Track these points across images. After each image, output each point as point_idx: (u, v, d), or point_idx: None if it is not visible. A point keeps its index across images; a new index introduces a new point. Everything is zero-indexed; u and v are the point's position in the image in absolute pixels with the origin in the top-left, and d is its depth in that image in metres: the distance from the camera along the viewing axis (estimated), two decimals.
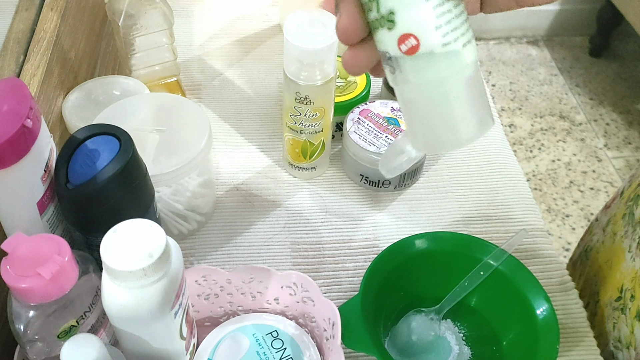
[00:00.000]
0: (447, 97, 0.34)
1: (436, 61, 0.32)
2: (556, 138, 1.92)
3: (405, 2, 0.31)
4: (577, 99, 2.04)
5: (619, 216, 0.64)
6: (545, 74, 2.13)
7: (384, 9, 0.32)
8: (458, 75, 0.33)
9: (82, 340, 0.39)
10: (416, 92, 0.34)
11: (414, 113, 0.35)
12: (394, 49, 0.33)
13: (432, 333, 0.56)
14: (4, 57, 0.58)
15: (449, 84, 0.33)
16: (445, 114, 0.34)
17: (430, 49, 0.32)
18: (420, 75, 0.33)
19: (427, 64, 0.33)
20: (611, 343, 0.62)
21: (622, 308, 0.60)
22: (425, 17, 0.32)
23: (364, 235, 0.66)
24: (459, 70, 0.33)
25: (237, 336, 0.53)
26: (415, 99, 0.34)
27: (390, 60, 0.33)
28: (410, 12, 0.32)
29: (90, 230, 0.48)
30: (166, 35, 0.72)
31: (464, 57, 0.33)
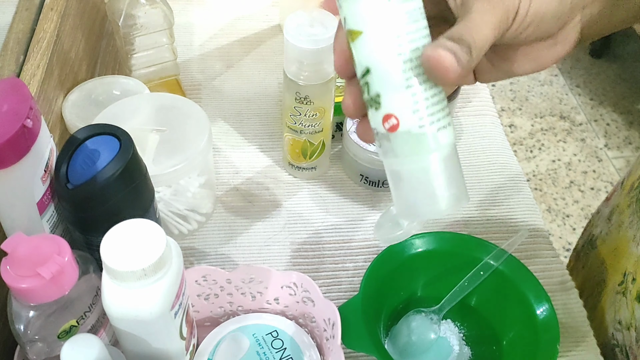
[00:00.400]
0: (422, 172, 0.38)
1: (413, 140, 0.37)
2: (556, 138, 1.92)
3: (390, 88, 0.37)
4: (577, 100, 2.04)
5: (624, 206, 0.64)
6: (545, 74, 2.13)
7: (372, 92, 0.37)
8: (433, 154, 0.38)
9: (82, 340, 0.39)
10: (398, 165, 0.39)
11: (396, 183, 0.40)
12: (380, 127, 0.38)
13: (432, 333, 0.56)
14: (4, 57, 0.58)
15: (425, 161, 0.38)
16: (421, 186, 0.39)
17: (407, 129, 0.37)
18: (400, 150, 0.38)
19: (406, 142, 0.37)
20: (611, 325, 0.62)
21: (623, 291, 0.61)
22: (405, 101, 0.37)
23: (364, 235, 0.66)
24: (434, 149, 0.38)
25: (237, 336, 0.53)
26: (397, 171, 0.39)
27: (378, 136, 0.39)
28: (393, 97, 0.37)
29: (90, 230, 0.48)
30: (166, 35, 0.72)
31: (438, 140, 0.37)
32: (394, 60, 0.36)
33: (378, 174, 0.68)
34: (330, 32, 0.58)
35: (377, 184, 0.69)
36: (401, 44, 0.36)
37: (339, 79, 0.73)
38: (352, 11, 0.36)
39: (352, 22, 0.37)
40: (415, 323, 0.56)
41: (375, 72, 0.37)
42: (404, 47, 0.36)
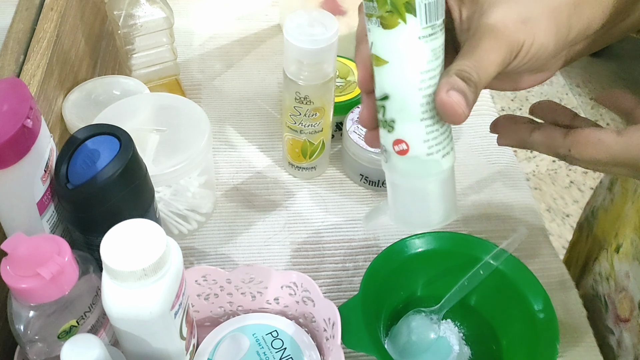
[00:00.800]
0: (423, 191, 0.42)
1: (420, 164, 0.40)
2: None
3: (405, 117, 0.39)
4: (577, 99, 2.04)
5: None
6: None
7: (388, 116, 0.40)
8: (435, 177, 0.41)
9: (82, 341, 0.39)
10: (400, 181, 0.42)
11: (396, 194, 0.43)
12: (389, 147, 0.41)
13: (432, 333, 0.56)
14: (4, 57, 0.58)
15: (427, 182, 0.41)
16: (419, 202, 0.42)
17: (416, 155, 0.40)
18: (405, 171, 0.41)
19: (412, 165, 0.41)
20: (591, 277, 0.65)
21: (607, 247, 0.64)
22: (418, 132, 0.39)
23: (364, 235, 0.66)
24: (436, 173, 0.41)
25: (237, 336, 0.53)
26: (398, 185, 0.43)
27: (386, 153, 0.42)
28: (407, 126, 0.39)
29: (90, 230, 0.48)
30: (166, 35, 0.72)
31: (441, 165, 0.41)
32: (414, 94, 0.38)
33: (378, 174, 0.68)
34: (330, 32, 0.58)
35: (377, 184, 0.69)
36: (423, 79, 0.38)
37: (338, 79, 0.73)
38: (380, 40, 0.38)
39: (379, 50, 0.38)
40: (415, 323, 0.56)
41: (394, 100, 0.39)
42: (425, 83, 0.38)
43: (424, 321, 0.56)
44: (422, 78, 0.38)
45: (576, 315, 0.60)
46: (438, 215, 0.42)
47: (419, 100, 0.38)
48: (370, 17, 0.38)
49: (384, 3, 0.37)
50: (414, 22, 0.36)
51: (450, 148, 0.41)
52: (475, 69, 0.38)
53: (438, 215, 0.42)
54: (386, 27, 0.37)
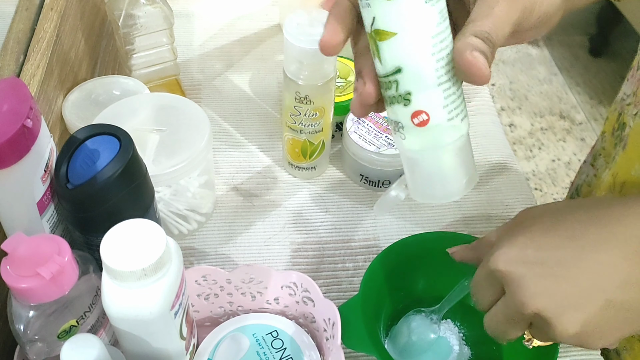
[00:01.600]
0: (443, 159, 0.40)
1: (441, 132, 0.39)
2: (556, 137, 1.92)
3: (422, 86, 0.38)
4: (577, 98, 2.04)
5: (611, 148, 0.68)
6: (545, 73, 2.13)
7: (402, 89, 0.38)
8: (456, 142, 0.40)
9: (82, 340, 0.39)
10: (419, 154, 0.41)
11: (415, 170, 0.42)
12: (407, 121, 0.39)
13: (432, 333, 0.56)
14: (4, 57, 0.58)
15: (448, 150, 0.40)
16: (440, 172, 0.41)
17: (437, 123, 0.39)
18: (424, 141, 0.40)
19: (433, 134, 0.39)
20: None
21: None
22: (437, 98, 0.38)
23: (364, 235, 0.66)
24: (457, 139, 0.40)
25: (237, 336, 0.53)
26: (417, 159, 0.41)
27: (401, 129, 0.40)
28: (425, 94, 0.38)
29: (90, 230, 0.48)
30: (166, 35, 0.72)
31: (461, 129, 0.40)
32: (428, 60, 0.37)
33: (378, 174, 0.68)
34: None
35: (377, 184, 0.69)
36: (435, 44, 0.37)
37: (338, 79, 0.73)
38: (384, 12, 0.37)
39: (384, 23, 0.37)
40: (415, 323, 0.56)
41: (408, 71, 0.38)
42: (437, 46, 0.37)
43: (424, 321, 0.56)
44: (434, 42, 0.37)
45: None
46: (461, 183, 0.41)
47: (434, 65, 0.37)
48: None
49: None
50: None
51: (466, 111, 0.40)
52: (494, 28, 0.37)
53: (461, 183, 0.41)
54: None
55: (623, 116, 0.65)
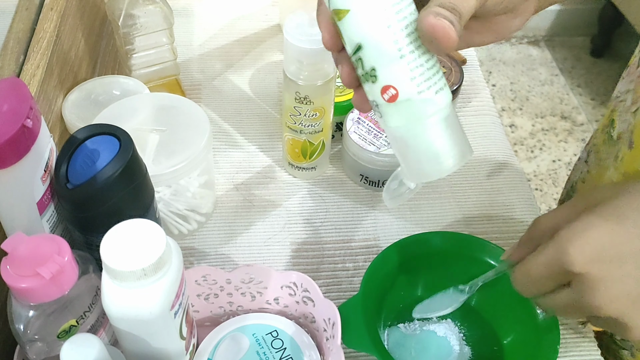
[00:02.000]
0: (427, 134, 0.39)
1: (414, 106, 0.38)
2: (557, 138, 1.92)
3: (384, 60, 0.37)
4: (578, 99, 2.04)
5: (600, 144, 0.68)
6: (546, 74, 2.12)
7: (367, 66, 0.38)
8: (434, 116, 0.39)
9: (82, 340, 0.39)
10: (401, 132, 0.40)
11: (402, 149, 0.41)
12: (379, 98, 0.39)
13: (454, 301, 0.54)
14: (4, 57, 0.58)
15: (427, 124, 0.39)
16: (427, 148, 0.40)
17: (407, 97, 0.38)
18: (402, 118, 0.39)
19: (407, 109, 0.38)
20: None
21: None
22: (401, 71, 0.38)
23: (364, 235, 0.66)
24: (434, 112, 0.39)
25: (237, 336, 0.53)
26: (401, 137, 0.40)
27: (378, 107, 0.40)
28: (389, 68, 0.38)
29: (90, 230, 0.48)
30: (166, 35, 0.72)
31: (437, 102, 0.39)
32: (384, 33, 0.37)
33: (378, 174, 0.68)
34: None
35: (377, 184, 0.69)
36: (389, 16, 0.37)
37: (338, 79, 0.73)
38: None
39: (338, 1, 0.37)
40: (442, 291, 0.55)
41: (367, 47, 0.37)
42: (392, 18, 0.37)
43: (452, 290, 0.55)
44: (387, 15, 0.36)
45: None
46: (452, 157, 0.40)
47: (391, 37, 0.37)
48: None
49: None
50: None
51: (443, 84, 0.39)
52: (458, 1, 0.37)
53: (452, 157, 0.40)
54: None
55: (614, 113, 0.65)
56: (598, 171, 0.68)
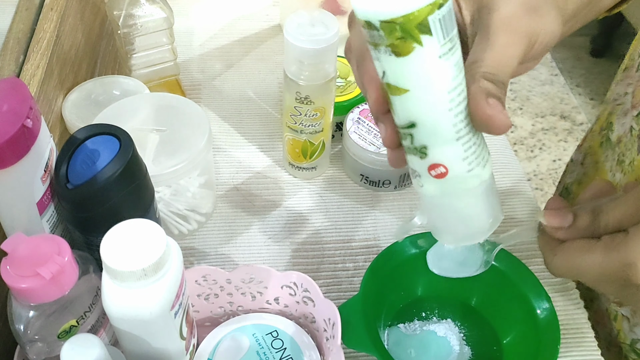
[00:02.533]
0: (465, 205, 0.39)
1: (461, 182, 0.38)
2: (557, 138, 1.92)
3: (439, 141, 0.36)
4: (578, 99, 2.04)
5: (596, 146, 0.68)
6: (546, 74, 2.13)
7: (418, 143, 0.36)
8: (477, 188, 0.38)
9: (82, 340, 0.39)
10: (443, 200, 0.39)
11: (438, 214, 0.41)
12: (424, 172, 0.38)
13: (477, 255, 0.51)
14: (4, 57, 0.58)
15: (470, 196, 0.39)
16: (462, 217, 0.40)
17: (457, 175, 0.37)
18: (445, 190, 0.38)
19: (454, 184, 0.38)
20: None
21: None
22: (455, 152, 0.36)
23: (364, 235, 0.66)
24: (478, 185, 0.38)
25: (237, 336, 0.53)
26: (440, 205, 0.39)
27: (420, 178, 0.38)
28: (442, 149, 0.36)
29: (90, 230, 0.48)
30: (166, 35, 0.72)
31: (483, 175, 0.38)
32: (445, 116, 0.35)
33: (378, 174, 0.68)
34: (331, 32, 0.58)
35: (377, 184, 0.69)
36: (452, 99, 0.35)
37: (339, 79, 0.73)
38: (395, 69, 0.34)
39: (396, 79, 0.34)
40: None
41: (423, 126, 0.35)
42: (455, 101, 0.35)
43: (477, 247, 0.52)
44: (450, 98, 0.34)
45: (577, 317, 0.60)
46: (484, 224, 0.40)
47: (452, 120, 0.35)
48: (377, 47, 0.33)
49: (392, 30, 0.32)
50: (431, 42, 0.32)
51: (488, 156, 0.38)
52: (499, 67, 0.36)
53: (484, 224, 0.40)
54: (400, 55, 0.33)
55: (612, 116, 0.65)
56: (595, 173, 0.68)
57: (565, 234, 0.45)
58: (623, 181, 0.61)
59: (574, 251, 0.43)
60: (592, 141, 0.70)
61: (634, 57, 0.65)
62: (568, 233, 0.45)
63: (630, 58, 0.66)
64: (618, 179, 0.62)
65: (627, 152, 0.61)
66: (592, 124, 0.73)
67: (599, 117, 0.70)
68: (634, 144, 0.59)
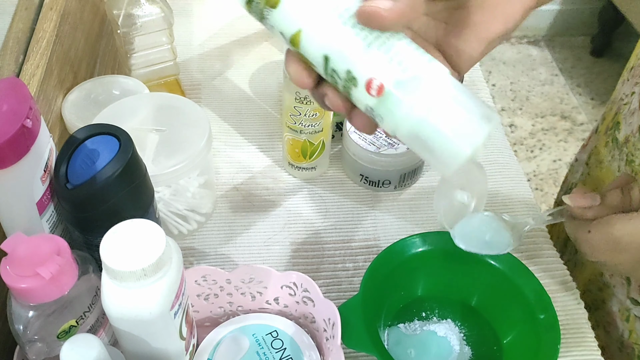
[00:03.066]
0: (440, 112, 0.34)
1: (408, 88, 0.34)
2: (557, 138, 1.92)
3: (353, 57, 0.35)
4: (578, 99, 2.04)
5: (601, 146, 0.67)
6: (546, 74, 2.12)
7: (342, 73, 0.35)
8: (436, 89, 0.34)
9: (81, 341, 0.39)
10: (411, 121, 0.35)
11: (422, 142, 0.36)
12: (369, 99, 0.35)
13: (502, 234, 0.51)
14: (3, 56, 0.58)
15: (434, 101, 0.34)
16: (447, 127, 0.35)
17: (395, 80, 0.34)
18: (403, 107, 0.34)
19: (403, 95, 0.34)
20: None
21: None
22: (374, 59, 0.35)
23: (364, 235, 0.66)
24: (434, 85, 0.34)
25: (237, 336, 0.53)
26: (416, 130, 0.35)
27: (374, 111, 0.36)
28: (361, 62, 0.35)
29: (90, 230, 0.48)
30: (166, 35, 0.72)
31: (433, 73, 0.34)
32: (341, 30, 0.35)
33: (378, 174, 0.68)
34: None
35: (377, 184, 0.69)
36: (341, 14, 0.35)
37: None
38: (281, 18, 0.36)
39: (288, 27, 0.36)
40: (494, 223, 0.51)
41: (333, 53, 0.35)
42: (344, 14, 0.35)
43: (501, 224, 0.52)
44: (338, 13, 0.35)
45: (577, 317, 0.60)
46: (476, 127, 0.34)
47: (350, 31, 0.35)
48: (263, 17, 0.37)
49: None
50: None
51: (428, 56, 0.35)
52: None
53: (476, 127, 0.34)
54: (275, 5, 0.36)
55: (618, 115, 0.65)
56: (599, 173, 0.68)
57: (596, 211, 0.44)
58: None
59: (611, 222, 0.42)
60: (597, 142, 0.70)
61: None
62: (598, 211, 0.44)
63: (637, 57, 0.65)
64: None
65: (637, 152, 0.60)
66: (597, 123, 0.73)
67: (604, 117, 0.70)
68: None
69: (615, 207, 0.44)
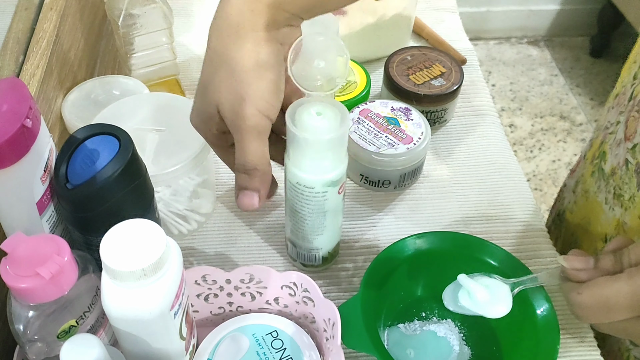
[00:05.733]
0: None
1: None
2: (556, 138, 1.92)
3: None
4: (577, 100, 2.04)
5: (588, 175, 0.68)
6: (545, 74, 2.13)
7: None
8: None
9: (81, 341, 0.39)
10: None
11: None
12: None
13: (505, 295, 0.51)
14: (3, 56, 0.58)
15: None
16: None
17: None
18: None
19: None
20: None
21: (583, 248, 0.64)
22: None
23: (363, 235, 0.66)
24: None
25: (237, 336, 0.53)
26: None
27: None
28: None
29: (90, 230, 0.48)
30: (166, 35, 0.72)
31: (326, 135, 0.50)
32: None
33: (378, 174, 0.68)
34: (331, 32, 0.58)
35: (377, 184, 0.69)
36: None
37: None
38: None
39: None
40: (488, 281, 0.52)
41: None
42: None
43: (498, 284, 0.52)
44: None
45: None
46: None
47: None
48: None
49: None
50: None
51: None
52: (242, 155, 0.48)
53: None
54: None
55: (604, 145, 0.65)
56: (586, 203, 0.68)
57: (589, 274, 0.46)
58: (625, 216, 0.60)
59: (599, 283, 0.44)
60: (584, 169, 0.70)
61: (626, 83, 0.63)
62: (591, 274, 0.46)
63: (621, 84, 0.65)
64: (618, 214, 0.61)
65: (625, 187, 0.60)
66: (585, 149, 0.72)
67: (592, 143, 0.70)
68: (632, 179, 0.59)
69: (607, 270, 0.46)
